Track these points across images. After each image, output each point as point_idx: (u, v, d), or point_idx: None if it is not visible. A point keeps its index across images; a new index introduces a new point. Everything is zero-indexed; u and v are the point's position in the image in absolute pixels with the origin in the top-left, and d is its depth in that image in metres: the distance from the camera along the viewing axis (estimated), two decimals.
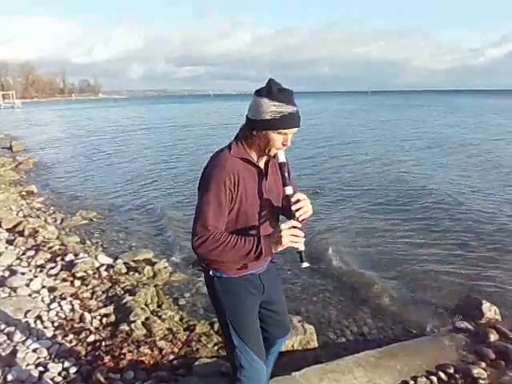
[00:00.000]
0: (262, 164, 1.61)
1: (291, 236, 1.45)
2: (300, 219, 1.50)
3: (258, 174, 1.58)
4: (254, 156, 1.57)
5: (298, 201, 1.51)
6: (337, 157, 11.69)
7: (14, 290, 3.55)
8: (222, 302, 1.64)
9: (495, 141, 14.36)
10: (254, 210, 1.56)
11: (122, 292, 3.64)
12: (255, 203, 1.56)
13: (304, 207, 1.51)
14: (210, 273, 1.63)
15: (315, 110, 37.74)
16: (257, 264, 1.65)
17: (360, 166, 10.35)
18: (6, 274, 3.90)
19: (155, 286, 3.91)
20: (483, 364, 2.58)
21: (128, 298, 3.46)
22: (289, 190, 1.54)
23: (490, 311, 3.20)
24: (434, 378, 2.47)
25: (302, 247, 1.49)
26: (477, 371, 2.49)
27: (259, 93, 1.50)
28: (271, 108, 1.45)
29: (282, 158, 1.54)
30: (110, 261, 4.42)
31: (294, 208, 1.50)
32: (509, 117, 25.74)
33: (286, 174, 1.56)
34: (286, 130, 1.48)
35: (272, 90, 1.46)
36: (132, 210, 6.98)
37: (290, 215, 1.51)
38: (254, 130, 1.51)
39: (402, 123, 22.55)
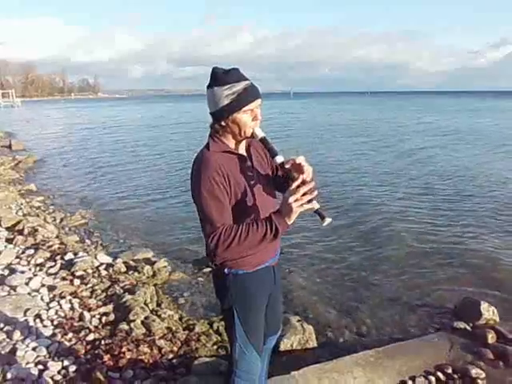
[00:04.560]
0: (242, 151, 1.60)
1: (299, 200, 1.38)
2: (304, 179, 1.42)
3: (243, 161, 1.57)
4: (232, 145, 1.56)
5: (293, 164, 1.46)
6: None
7: (14, 288, 3.56)
8: (234, 298, 1.62)
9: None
10: (251, 198, 1.55)
11: (122, 291, 3.64)
12: (249, 191, 1.55)
13: (303, 166, 1.44)
14: (225, 271, 1.59)
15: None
16: (271, 253, 1.66)
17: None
18: (6, 272, 3.91)
19: (155, 285, 3.92)
20: (481, 364, 2.59)
21: (127, 296, 3.46)
22: (279, 159, 1.51)
23: (489, 312, 3.20)
24: (433, 378, 2.48)
25: (316, 205, 1.41)
26: (475, 371, 2.50)
27: (209, 86, 1.49)
28: (225, 93, 1.44)
29: (260, 134, 1.53)
30: (109, 260, 4.43)
31: (293, 172, 1.45)
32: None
33: (271, 146, 1.54)
34: (248, 106, 1.46)
35: (217, 77, 1.46)
36: (131, 209, 6.98)
37: (292, 181, 1.43)
38: (221, 120, 1.49)
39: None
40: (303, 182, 1.40)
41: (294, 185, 1.40)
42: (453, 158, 11.30)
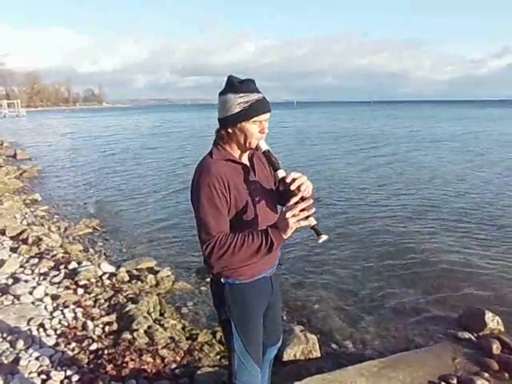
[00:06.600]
0: (246, 161, 1.61)
1: (296, 216, 1.38)
2: (303, 195, 1.42)
3: (245, 171, 1.57)
4: (236, 155, 1.57)
5: (293, 180, 1.44)
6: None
7: (17, 297, 3.57)
8: (231, 308, 1.62)
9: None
10: (251, 207, 1.54)
11: (125, 300, 3.64)
12: (250, 201, 1.54)
13: (303, 184, 1.44)
14: (222, 280, 1.60)
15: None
16: (268, 264, 1.66)
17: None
18: (10, 281, 3.92)
19: (158, 294, 3.92)
20: (486, 375, 2.56)
21: (131, 306, 3.46)
22: (281, 173, 1.50)
23: (493, 322, 3.18)
24: None
25: (313, 222, 1.41)
26: (480, 382, 2.48)
27: (223, 92, 1.51)
28: (238, 100, 1.46)
29: (264, 147, 1.54)
30: (112, 269, 4.43)
31: (292, 188, 1.43)
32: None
33: (274, 160, 1.54)
34: (258, 117, 1.48)
35: (233, 85, 1.48)
36: (135, 219, 7.00)
37: (291, 196, 1.42)
38: (229, 127, 1.50)
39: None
40: (302, 199, 1.41)
41: (293, 200, 1.40)
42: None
